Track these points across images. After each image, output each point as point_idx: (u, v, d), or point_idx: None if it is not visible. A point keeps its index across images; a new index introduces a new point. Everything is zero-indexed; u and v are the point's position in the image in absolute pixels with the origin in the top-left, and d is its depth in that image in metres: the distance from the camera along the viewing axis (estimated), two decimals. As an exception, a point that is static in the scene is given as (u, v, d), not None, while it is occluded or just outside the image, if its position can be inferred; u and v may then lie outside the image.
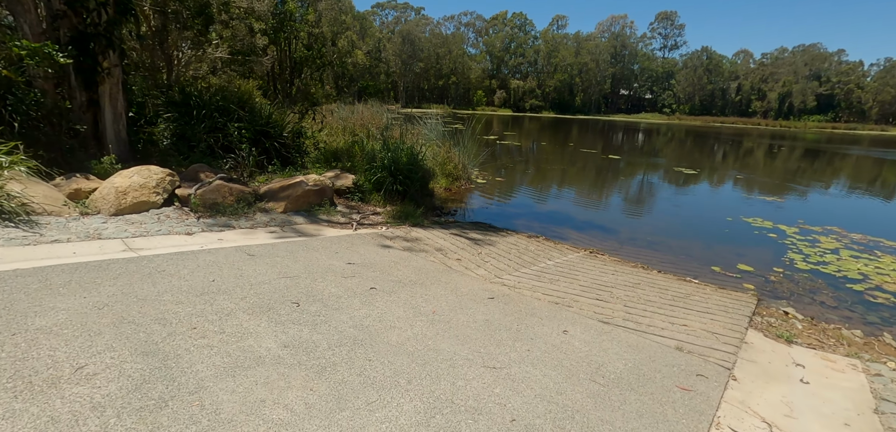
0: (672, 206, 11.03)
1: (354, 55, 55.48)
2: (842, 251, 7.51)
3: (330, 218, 6.82)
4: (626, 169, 18.01)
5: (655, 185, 14.73)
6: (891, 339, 4.58)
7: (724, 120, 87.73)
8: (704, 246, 7.58)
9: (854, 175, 20.30)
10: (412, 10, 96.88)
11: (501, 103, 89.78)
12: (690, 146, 32.58)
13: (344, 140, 12.53)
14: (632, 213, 9.97)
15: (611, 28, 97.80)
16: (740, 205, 11.42)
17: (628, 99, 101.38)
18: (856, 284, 6.05)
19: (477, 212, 9.06)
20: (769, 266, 6.61)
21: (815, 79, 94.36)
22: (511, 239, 6.89)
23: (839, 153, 32.08)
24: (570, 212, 9.76)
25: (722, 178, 16.70)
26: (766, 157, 26.53)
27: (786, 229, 8.78)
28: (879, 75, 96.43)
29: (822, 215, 10.44)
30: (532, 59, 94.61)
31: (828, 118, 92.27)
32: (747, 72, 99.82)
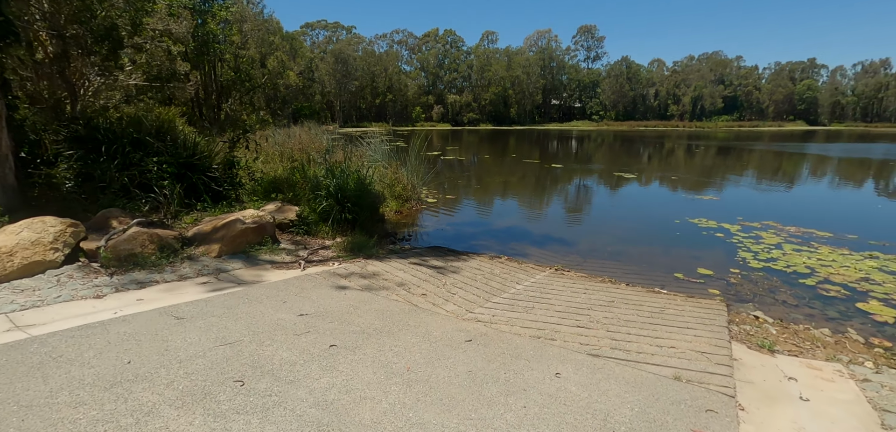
0: (623, 212, 11.23)
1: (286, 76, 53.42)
2: (784, 245, 7.88)
3: (273, 258, 6.07)
4: (570, 177, 18.41)
5: (602, 192, 15.08)
6: (855, 334, 4.67)
7: (647, 124, 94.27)
8: (662, 251, 7.63)
9: (765, 168, 22.21)
10: (343, 30, 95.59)
11: (440, 118, 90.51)
12: (621, 150, 34.34)
13: (283, 167, 11.64)
14: (587, 223, 9.98)
15: (538, 42, 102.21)
16: (683, 206, 11.88)
17: (559, 108, 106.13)
18: (806, 279, 6.27)
19: (433, 235, 8.61)
20: (726, 268, 6.72)
21: (720, 83, 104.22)
22: (474, 262, 6.50)
23: (747, 149, 35.29)
24: (527, 226, 9.58)
25: (659, 180, 17.52)
26: (688, 157, 28.47)
27: (730, 228, 9.13)
28: (772, 77, 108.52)
29: (757, 210, 11.07)
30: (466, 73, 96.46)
31: (734, 117, 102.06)
32: (662, 79, 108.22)
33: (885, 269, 6.63)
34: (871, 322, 4.98)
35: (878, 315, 5.13)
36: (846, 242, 8.09)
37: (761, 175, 19.46)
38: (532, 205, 12.37)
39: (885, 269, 6.63)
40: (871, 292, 5.77)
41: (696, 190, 14.71)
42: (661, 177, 18.27)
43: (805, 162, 25.51)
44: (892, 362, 3.99)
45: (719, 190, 14.66)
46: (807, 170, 21.65)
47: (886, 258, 7.17)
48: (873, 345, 4.40)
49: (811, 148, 36.60)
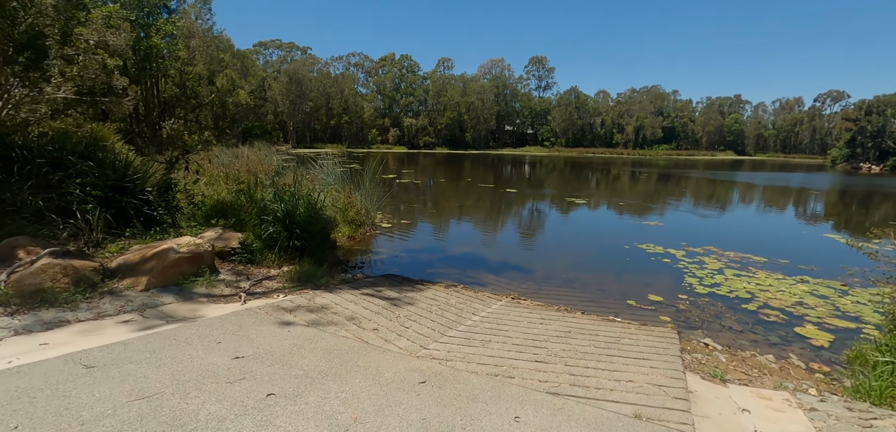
0: (576, 238, 11.42)
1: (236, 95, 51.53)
2: (726, 270, 8.24)
3: (210, 291, 5.56)
4: (524, 201, 18.69)
5: (554, 217, 15.37)
6: (796, 360, 4.84)
7: (595, 151, 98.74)
8: (615, 278, 7.75)
9: (701, 194, 23.66)
10: (298, 50, 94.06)
11: (396, 141, 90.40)
12: (571, 176, 35.56)
13: (228, 190, 10.99)
14: (542, 249, 10.03)
15: (492, 70, 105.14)
16: (632, 231, 12.27)
17: (513, 134, 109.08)
18: (748, 304, 6.52)
19: (387, 262, 8.31)
20: (674, 294, 6.89)
21: (660, 114, 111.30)
22: (429, 292, 6.27)
23: (684, 176, 37.63)
24: (483, 252, 9.50)
25: (608, 205, 18.14)
26: (632, 183, 29.89)
27: (675, 253, 9.48)
28: (704, 111, 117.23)
29: (698, 236, 11.62)
30: (422, 98, 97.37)
31: (672, 146, 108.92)
32: (608, 109, 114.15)
33: (815, 293, 7.04)
34: (809, 346, 5.20)
35: (814, 339, 5.38)
36: (780, 267, 8.59)
37: (698, 201, 20.68)
38: (488, 231, 12.36)
39: (816, 294, 7.04)
40: (806, 316, 6.08)
41: (641, 215, 15.32)
42: (610, 203, 18.96)
43: (735, 189, 27.45)
44: (832, 388, 4.13)
45: (663, 215, 15.36)
46: (737, 196, 23.26)
47: (816, 282, 7.64)
48: (814, 371, 4.56)
49: (740, 176, 39.57)
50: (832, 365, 4.74)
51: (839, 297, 6.88)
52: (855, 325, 5.81)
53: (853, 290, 7.24)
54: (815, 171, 51.60)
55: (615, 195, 22.46)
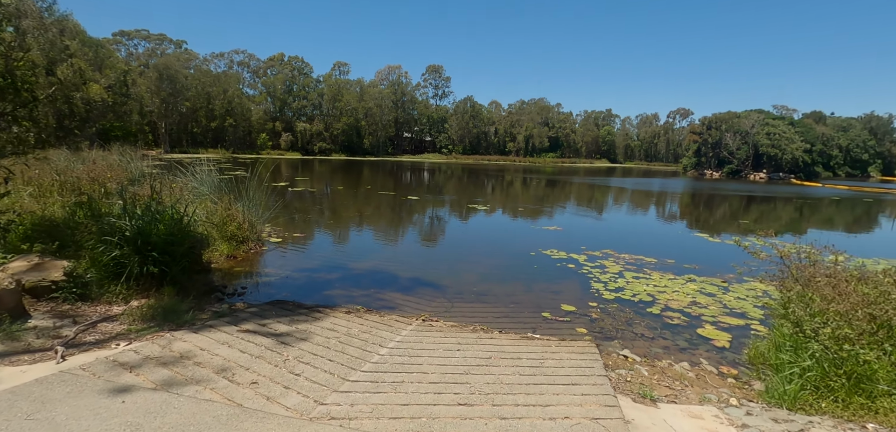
0: (483, 246, 11.14)
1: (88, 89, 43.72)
2: (625, 273, 8.50)
3: (12, 346, 3.99)
4: (427, 209, 18.24)
5: (459, 225, 15.10)
6: (707, 364, 4.87)
7: (490, 158, 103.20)
8: (525, 288, 7.49)
9: (587, 199, 25.57)
10: (170, 44, 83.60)
11: (289, 146, 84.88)
12: (469, 182, 36.27)
13: (62, 203, 8.75)
14: (450, 261, 9.53)
15: (389, 76, 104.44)
16: (534, 237, 12.41)
17: (411, 140, 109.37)
18: (652, 307, 6.66)
19: (276, 285, 7.10)
20: (584, 301, 6.81)
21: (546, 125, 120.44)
22: (327, 321, 5.31)
23: (569, 182, 40.73)
24: (388, 267, 8.68)
25: (508, 211, 18.48)
26: (527, 189, 31.37)
27: (578, 258, 9.65)
28: (582, 123, 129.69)
29: (594, 239, 12.13)
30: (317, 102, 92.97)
31: (557, 155, 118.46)
32: (500, 119, 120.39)
33: (704, 292, 7.50)
34: (713, 348, 5.32)
35: (715, 340, 5.55)
36: (669, 267, 9.15)
37: (587, 205, 22.20)
38: (392, 242, 11.57)
39: (704, 292, 7.51)
40: (702, 316, 6.34)
41: (541, 221, 15.79)
42: (509, 209, 19.38)
43: (613, 193, 30.26)
44: (747, 394, 4.13)
45: (559, 220, 15.99)
46: (616, 200, 25.56)
47: (702, 280, 8.20)
48: (725, 376, 4.60)
49: (613, 181, 44.04)
50: (737, 366, 4.84)
51: (723, 294, 7.40)
52: (743, 322, 6.18)
53: (732, 286, 7.88)
54: (670, 177, 59.54)
55: (513, 201, 23.15)
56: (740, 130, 70.13)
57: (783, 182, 58.50)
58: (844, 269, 5.57)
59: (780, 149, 67.19)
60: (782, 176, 66.46)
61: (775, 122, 71.08)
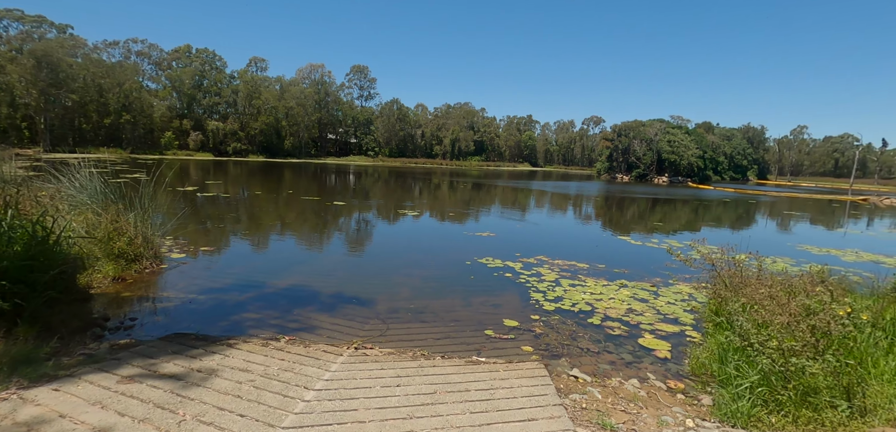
0: (415, 256, 10.59)
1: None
2: (561, 281, 8.44)
3: None
4: (355, 215, 17.31)
5: (389, 232, 14.42)
6: (655, 379, 4.76)
7: (417, 161, 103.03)
8: (463, 302, 7.09)
9: (513, 202, 26.11)
10: (52, 27, 72.98)
11: (199, 146, 77.95)
12: (397, 185, 35.58)
13: None
14: (381, 273, 8.87)
15: (311, 75, 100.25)
16: (467, 244, 12.11)
17: (336, 142, 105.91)
18: (592, 317, 6.56)
19: (176, 314, 6.00)
20: (526, 315, 6.55)
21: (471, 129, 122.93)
22: (240, 357, 4.47)
23: (494, 185, 41.64)
24: (312, 283, 7.83)
25: (439, 216, 18.11)
26: (456, 192, 31.40)
27: (513, 266, 9.47)
28: (505, 128, 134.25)
29: (527, 245, 12.11)
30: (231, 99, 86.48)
31: (482, 158, 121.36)
32: (426, 122, 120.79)
33: (637, 298, 7.61)
34: (657, 360, 5.27)
35: (656, 350, 5.52)
36: (601, 273, 9.28)
37: (515, 208, 22.58)
38: (318, 254, 10.63)
39: (637, 297, 7.62)
40: (640, 324, 6.35)
41: (473, 225, 15.62)
42: (440, 213, 19.05)
43: (537, 196, 31.28)
44: (700, 411, 4.03)
45: (486, 222, 15.94)
46: (540, 203, 26.38)
47: (633, 285, 8.37)
48: (674, 391, 4.50)
49: (534, 184, 45.80)
50: (682, 379, 4.79)
51: (655, 299, 7.56)
52: (678, 328, 6.27)
53: (661, 290, 8.11)
54: (585, 181, 63.36)
55: (443, 204, 22.89)
56: (646, 138, 76.59)
57: (681, 185, 64.77)
58: (771, 275, 5.81)
59: (678, 156, 74.40)
60: (681, 179, 73.67)
61: (674, 131, 78.65)
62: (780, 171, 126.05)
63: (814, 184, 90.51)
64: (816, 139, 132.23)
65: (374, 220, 16.58)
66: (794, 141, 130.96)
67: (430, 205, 22.79)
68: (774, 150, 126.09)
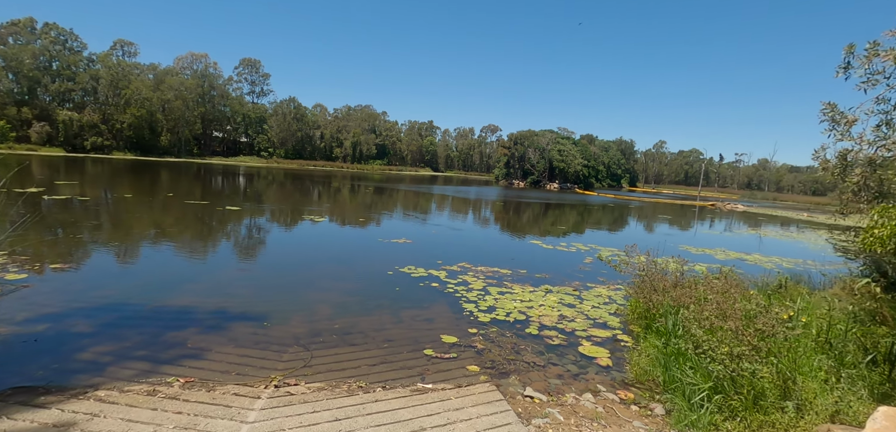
0: (334, 268, 9.60)
1: None
2: (490, 290, 8.21)
3: None
4: (251, 222, 15.50)
5: (299, 241, 13.07)
6: (605, 390, 4.64)
7: (316, 163, 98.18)
8: (393, 317, 6.45)
9: (420, 206, 25.88)
10: None
11: (45, 140, 65.26)
12: (297, 189, 33.26)
13: None
14: (297, 290, 7.81)
15: (193, 65, 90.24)
16: (386, 252, 11.41)
17: (224, 141, 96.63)
18: (529, 327, 6.38)
19: (14, 358, 4.47)
20: (462, 328, 6.14)
21: (373, 132, 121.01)
22: (115, 415, 3.36)
23: (395, 188, 41.21)
24: (207, 304, 6.55)
25: (349, 221, 17.04)
26: (360, 196, 30.26)
27: (438, 274, 9.04)
28: (407, 132, 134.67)
29: (446, 251, 11.78)
30: (89, 86, 74.08)
31: (385, 162, 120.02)
32: (326, 123, 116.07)
33: (564, 303, 7.66)
34: (600, 368, 5.20)
35: (598, 358, 5.47)
36: (524, 278, 9.27)
37: (424, 212, 22.29)
38: (210, 268, 9.11)
39: (565, 303, 7.67)
40: (575, 332, 6.32)
41: (387, 231, 14.91)
42: (350, 219, 17.98)
43: (441, 200, 31.49)
44: (658, 424, 3.94)
45: (400, 227, 15.37)
46: (446, 207, 26.54)
47: (558, 290, 8.45)
48: (627, 403, 4.40)
49: (436, 189, 46.30)
50: (629, 388, 4.75)
51: (581, 304, 7.67)
52: (609, 332, 6.35)
53: (583, 294, 8.30)
54: (484, 186, 65.93)
55: (352, 210, 21.74)
56: (539, 146, 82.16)
57: (570, 191, 70.62)
58: (693, 278, 6.12)
59: (567, 164, 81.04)
60: (569, 186, 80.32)
61: (564, 141, 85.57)
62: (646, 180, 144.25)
63: (672, 191, 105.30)
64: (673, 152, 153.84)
65: (276, 227, 15.00)
66: (655, 153, 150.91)
67: (338, 209, 21.50)
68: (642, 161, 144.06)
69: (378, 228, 15.89)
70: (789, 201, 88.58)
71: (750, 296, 4.64)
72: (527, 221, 22.46)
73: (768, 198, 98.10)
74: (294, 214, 18.36)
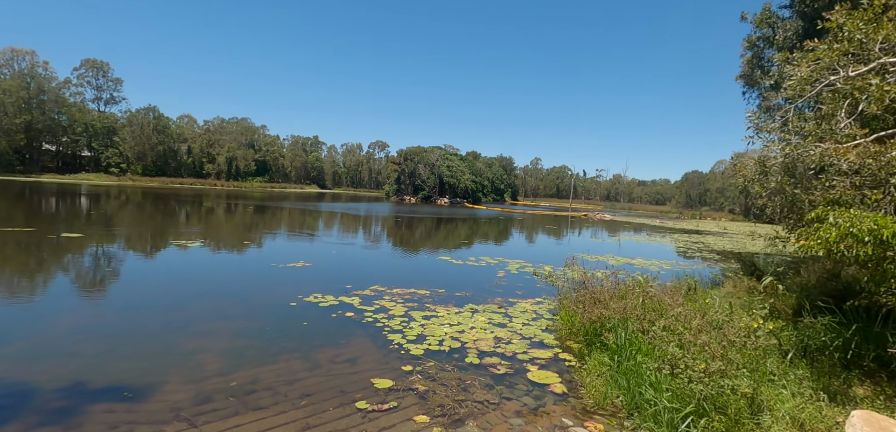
0: (215, 303, 7.81)
1: None
2: (414, 313, 7.36)
3: None
4: (97, 252, 12.42)
5: (162, 273, 10.67)
6: (572, 424, 4.12)
7: (183, 181, 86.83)
8: (307, 363, 5.25)
9: (309, 224, 23.96)
10: None
11: None
12: (159, 210, 28.53)
13: None
14: (163, 338, 6.05)
15: (14, 63, 74.09)
16: (284, 278, 9.84)
17: (59, 155, 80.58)
18: (467, 355, 5.68)
19: None
20: (396, 367, 5.21)
21: (251, 147, 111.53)
22: None
23: (280, 207, 38.06)
24: (40, 376, 4.63)
25: (231, 245, 14.69)
26: (238, 216, 27.03)
27: (350, 302, 7.91)
28: (291, 147, 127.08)
29: (353, 273, 10.62)
30: None
31: (266, 179, 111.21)
32: (195, 135, 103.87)
33: (494, 323, 7.15)
34: (557, 396, 4.70)
35: (550, 385, 4.97)
36: (444, 298, 8.60)
37: (318, 232, 20.52)
38: (40, 319, 6.75)
39: (494, 323, 7.16)
40: (517, 355, 5.79)
41: (279, 254, 13.11)
42: (233, 243, 15.57)
43: (332, 218, 29.70)
44: (644, 460, 3.51)
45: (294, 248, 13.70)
46: (339, 224, 24.99)
47: (483, 309, 7.93)
48: (600, 436, 3.93)
49: (324, 206, 43.88)
50: (593, 416, 4.30)
51: (511, 323, 7.23)
52: (550, 352, 5.96)
53: (509, 311, 7.90)
54: (375, 202, 64.66)
55: (232, 232, 19.03)
56: (429, 162, 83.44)
57: (460, 205, 72.72)
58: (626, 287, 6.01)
59: (456, 179, 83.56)
60: (458, 200, 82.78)
61: (452, 158, 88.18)
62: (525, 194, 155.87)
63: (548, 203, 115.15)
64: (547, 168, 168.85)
65: (132, 257, 12.22)
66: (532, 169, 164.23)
67: (213, 232, 18.65)
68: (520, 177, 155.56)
69: (268, 252, 13.97)
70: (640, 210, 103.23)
71: (706, 304, 4.56)
72: (428, 237, 22.03)
73: (625, 207, 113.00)
74: (156, 240, 15.36)
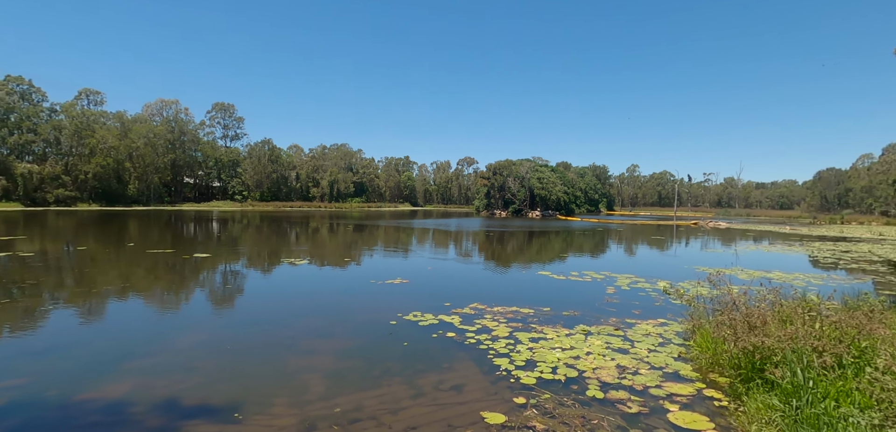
0: (319, 322, 7.97)
1: None
2: (519, 334, 6.75)
3: None
4: (222, 271, 13.68)
5: (274, 291, 11.34)
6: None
7: (293, 204, 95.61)
8: (411, 389, 4.90)
9: (402, 241, 24.36)
10: None
11: (1, 195, 61.41)
12: (274, 232, 31.28)
13: None
14: (271, 356, 6.17)
15: (162, 111, 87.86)
16: (383, 295, 9.84)
17: (195, 187, 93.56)
18: (587, 387, 4.90)
19: None
20: (506, 398, 4.64)
21: (350, 170, 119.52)
22: None
23: (376, 225, 39.61)
24: (157, 392, 4.88)
25: (334, 262, 15.37)
26: (339, 236, 28.53)
27: (450, 320, 7.53)
28: (384, 169, 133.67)
29: (451, 291, 10.32)
30: (51, 137, 70.83)
31: (363, 200, 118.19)
32: (302, 163, 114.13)
33: (613, 348, 6.26)
34: (712, 449, 3.77)
35: (701, 431, 4.04)
36: (551, 318, 7.85)
37: (413, 248, 20.76)
38: (166, 337, 7.36)
39: (613, 348, 6.26)
40: (649, 389, 4.89)
41: (378, 271, 13.32)
42: (335, 260, 16.30)
43: (425, 234, 30.03)
44: None
45: (392, 265, 13.82)
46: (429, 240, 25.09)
47: (597, 330, 7.05)
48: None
49: (417, 223, 44.83)
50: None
51: (633, 347, 6.27)
52: (691, 389, 4.94)
53: (628, 333, 6.92)
54: (465, 217, 64.79)
55: (333, 250, 20.04)
56: (518, 175, 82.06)
57: (552, 218, 70.11)
58: (791, 308, 4.83)
59: (548, 191, 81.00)
60: (551, 212, 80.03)
61: (542, 169, 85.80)
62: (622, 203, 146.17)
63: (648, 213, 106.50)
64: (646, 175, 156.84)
65: (251, 275, 13.23)
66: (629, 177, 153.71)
67: (318, 250, 19.77)
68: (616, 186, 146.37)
69: (367, 268, 14.29)
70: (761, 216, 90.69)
71: None
72: (521, 250, 21.18)
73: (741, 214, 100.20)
74: (271, 258, 16.58)
